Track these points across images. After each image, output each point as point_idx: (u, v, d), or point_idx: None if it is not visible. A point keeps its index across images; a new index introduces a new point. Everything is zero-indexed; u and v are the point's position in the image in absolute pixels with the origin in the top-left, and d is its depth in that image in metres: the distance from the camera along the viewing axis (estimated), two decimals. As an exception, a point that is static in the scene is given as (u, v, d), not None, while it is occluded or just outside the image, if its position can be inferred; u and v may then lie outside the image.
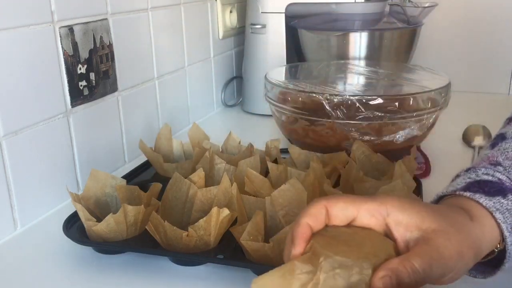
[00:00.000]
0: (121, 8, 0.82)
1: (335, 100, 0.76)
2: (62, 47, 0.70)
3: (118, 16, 0.82)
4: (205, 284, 0.55)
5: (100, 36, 0.78)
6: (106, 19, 0.79)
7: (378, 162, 0.73)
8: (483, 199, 0.44)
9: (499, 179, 0.46)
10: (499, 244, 0.44)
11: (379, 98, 0.77)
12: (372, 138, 0.78)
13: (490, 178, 0.47)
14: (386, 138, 0.78)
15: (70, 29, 0.71)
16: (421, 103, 0.80)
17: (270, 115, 0.92)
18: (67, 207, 0.70)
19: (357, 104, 0.76)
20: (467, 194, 0.45)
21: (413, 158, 0.71)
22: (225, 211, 0.55)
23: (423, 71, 0.97)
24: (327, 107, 0.77)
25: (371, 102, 0.76)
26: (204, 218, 0.55)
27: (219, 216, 0.55)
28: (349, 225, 0.41)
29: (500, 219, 0.43)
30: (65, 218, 0.62)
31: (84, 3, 0.74)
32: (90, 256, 0.60)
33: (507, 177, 0.47)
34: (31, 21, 0.65)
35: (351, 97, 0.77)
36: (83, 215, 0.58)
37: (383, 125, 0.77)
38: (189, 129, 0.84)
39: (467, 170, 0.50)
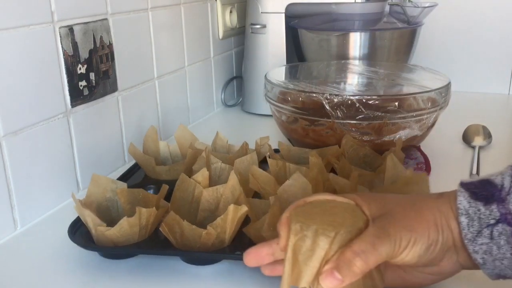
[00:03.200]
0: (121, 8, 0.82)
1: (335, 100, 0.77)
2: (62, 47, 0.70)
3: (118, 16, 0.82)
4: (222, 282, 0.55)
5: (100, 36, 0.78)
6: (106, 19, 0.79)
7: (366, 155, 0.75)
8: (461, 198, 0.44)
9: (502, 185, 0.43)
10: None
11: (379, 98, 0.77)
12: (372, 138, 0.78)
13: (497, 180, 0.44)
14: (386, 138, 0.78)
15: (70, 29, 0.71)
16: (421, 103, 0.80)
17: (270, 115, 0.92)
18: (67, 207, 0.70)
19: (357, 104, 0.76)
20: (458, 186, 0.46)
21: (399, 149, 0.72)
22: (244, 208, 0.55)
23: (423, 71, 0.98)
24: (327, 107, 0.77)
25: (371, 102, 0.76)
26: (221, 216, 0.54)
27: (237, 213, 0.55)
28: (334, 200, 0.47)
29: (463, 224, 0.43)
30: (65, 218, 0.62)
31: (84, 3, 0.74)
32: (92, 256, 0.60)
33: None
34: (31, 21, 0.65)
35: (351, 97, 0.77)
36: (92, 220, 0.56)
37: (383, 125, 0.77)
38: (175, 131, 0.82)
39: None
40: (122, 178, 0.75)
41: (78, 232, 0.60)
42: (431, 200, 0.46)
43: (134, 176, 0.77)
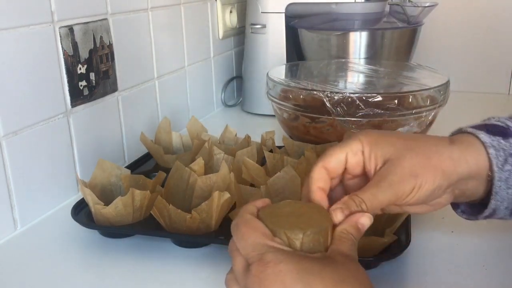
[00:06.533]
0: (121, 8, 0.82)
1: (336, 97, 0.77)
2: (62, 47, 0.70)
3: (118, 16, 0.82)
4: (206, 265, 0.57)
5: (100, 36, 0.78)
6: (106, 19, 0.79)
7: None
8: (482, 135, 0.47)
9: (507, 125, 0.48)
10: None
11: (379, 96, 0.77)
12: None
13: (499, 123, 0.49)
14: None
15: (70, 29, 0.72)
16: (420, 100, 0.81)
17: (270, 115, 0.93)
18: (67, 207, 0.70)
19: (357, 102, 0.76)
20: (470, 129, 0.49)
21: None
22: (226, 194, 0.58)
23: (423, 69, 0.98)
24: (327, 104, 0.77)
25: (371, 100, 0.76)
26: (206, 202, 0.57)
27: (220, 199, 0.57)
28: (301, 202, 0.47)
29: (492, 154, 0.46)
30: (65, 219, 0.63)
31: (84, 3, 0.74)
32: (91, 253, 0.60)
33: None
34: (31, 21, 0.65)
35: (352, 95, 0.77)
36: (91, 199, 0.60)
37: (383, 122, 0.78)
38: (187, 123, 0.86)
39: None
40: (135, 164, 0.80)
41: (79, 215, 0.64)
42: (442, 146, 0.47)
43: (146, 164, 0.81)
